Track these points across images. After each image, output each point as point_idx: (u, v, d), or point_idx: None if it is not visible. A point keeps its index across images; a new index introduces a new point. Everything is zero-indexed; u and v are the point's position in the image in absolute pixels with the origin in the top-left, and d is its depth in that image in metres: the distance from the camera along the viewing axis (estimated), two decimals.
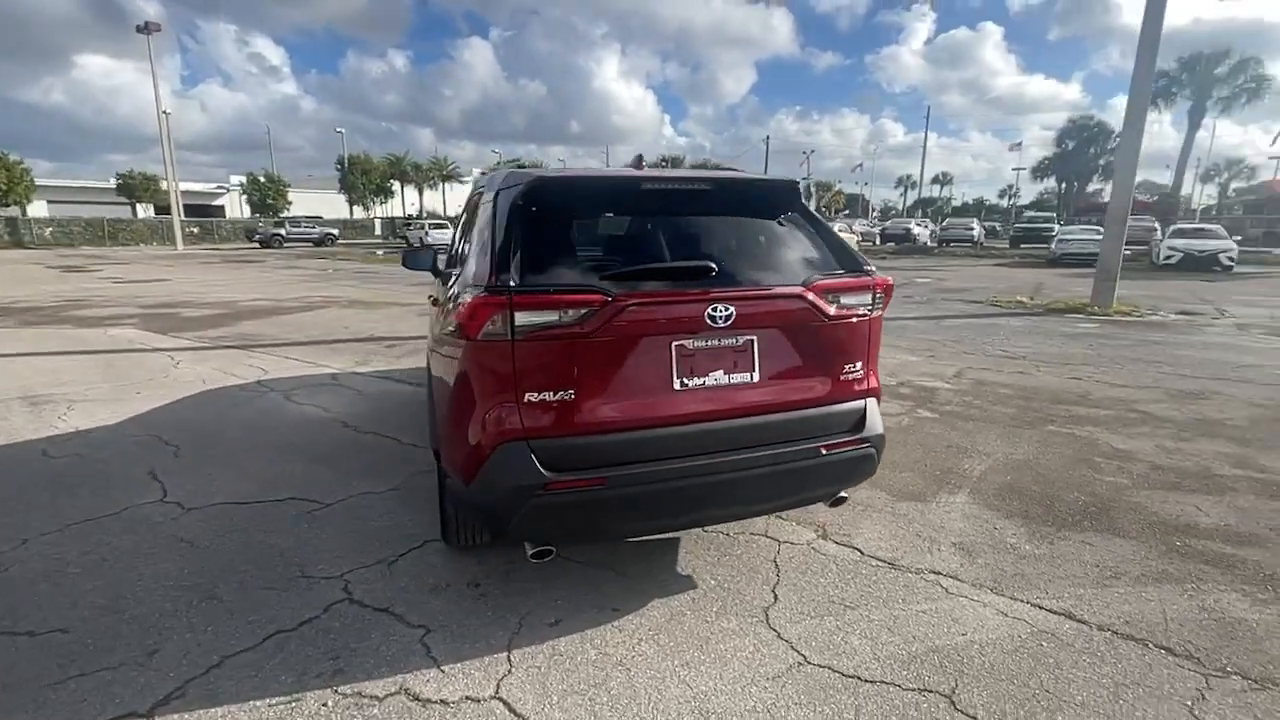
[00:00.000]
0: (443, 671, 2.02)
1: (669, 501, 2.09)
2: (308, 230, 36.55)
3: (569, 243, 2.20)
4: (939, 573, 2.63)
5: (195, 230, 39.59)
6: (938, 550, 2.81)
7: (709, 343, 2.10)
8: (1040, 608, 2.38)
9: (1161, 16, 9.93)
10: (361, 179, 46.92)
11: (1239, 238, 22.14)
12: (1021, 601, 2.42)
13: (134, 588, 2.48)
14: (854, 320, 2.31)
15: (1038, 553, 2.79)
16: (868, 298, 2.33)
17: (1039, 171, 54.76)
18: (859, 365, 2.37)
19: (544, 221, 2.16)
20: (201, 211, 46.64)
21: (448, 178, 53.43)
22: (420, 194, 53.48)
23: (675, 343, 2.06)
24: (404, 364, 6.58)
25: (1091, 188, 52.26)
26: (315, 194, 52.93)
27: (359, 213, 49.79)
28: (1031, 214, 39.24)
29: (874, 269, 2.40)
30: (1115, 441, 4.24)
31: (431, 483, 3.47)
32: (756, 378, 2.17)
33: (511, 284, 1.93)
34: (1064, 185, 53.19)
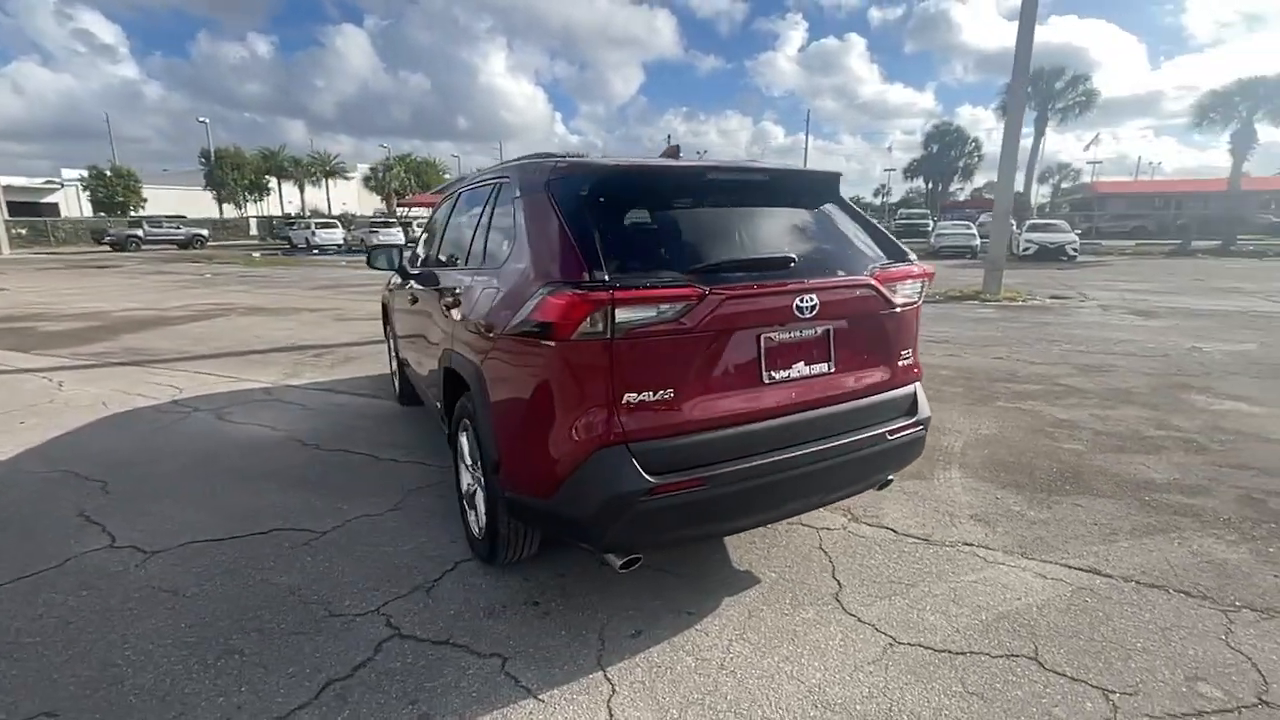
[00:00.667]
0: (542, 701, 1.86)
1: (762, 497, 2.06)
2: (171, 231, 32.62)
3: (643, 236, 2.09)
4: (970, 544, 2.79)
5: (23, 231, 34.05)
6: (960, 523, 2.98)
7: (792, 334, 2.08)
8: (1069, 567, 2.59)
9: (1029, 52, 11.23)
10: (232, 174, 42.38)
11: (1079, 231, 25.55)
12: (1052, 563, 2.62)
13: (123, 652, 2.07)
14: (909, 308, 2.39)
15: (1043, 517, 3.03)
16: (918, 286, 2.41)
17: (910, 172, 59.96)
18: (910, 351, 2.46)
19: (615, 214, 2.04)
20: (28, 210, 40.12)
21: (331, 174, 49.55)
22: (301, 191, 49.20)
23: (763, 335, 2.02)
24: (340, 374, 6.04)
25: (953, 187, 58.17)
26: (175, 190, 47.23)
27: (230, 211, 44.98)
28: (908, 211, 42.91)
29: (915, 258, 2.50)
30: (1056, 413, 4.72)
31: (433, 500, 3.21)
32: (832, 368, 2.19)
33: (606, 279, 1.81)
34: (930, 184, 58.59)
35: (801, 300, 2.03)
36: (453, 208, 3.46)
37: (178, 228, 33.34)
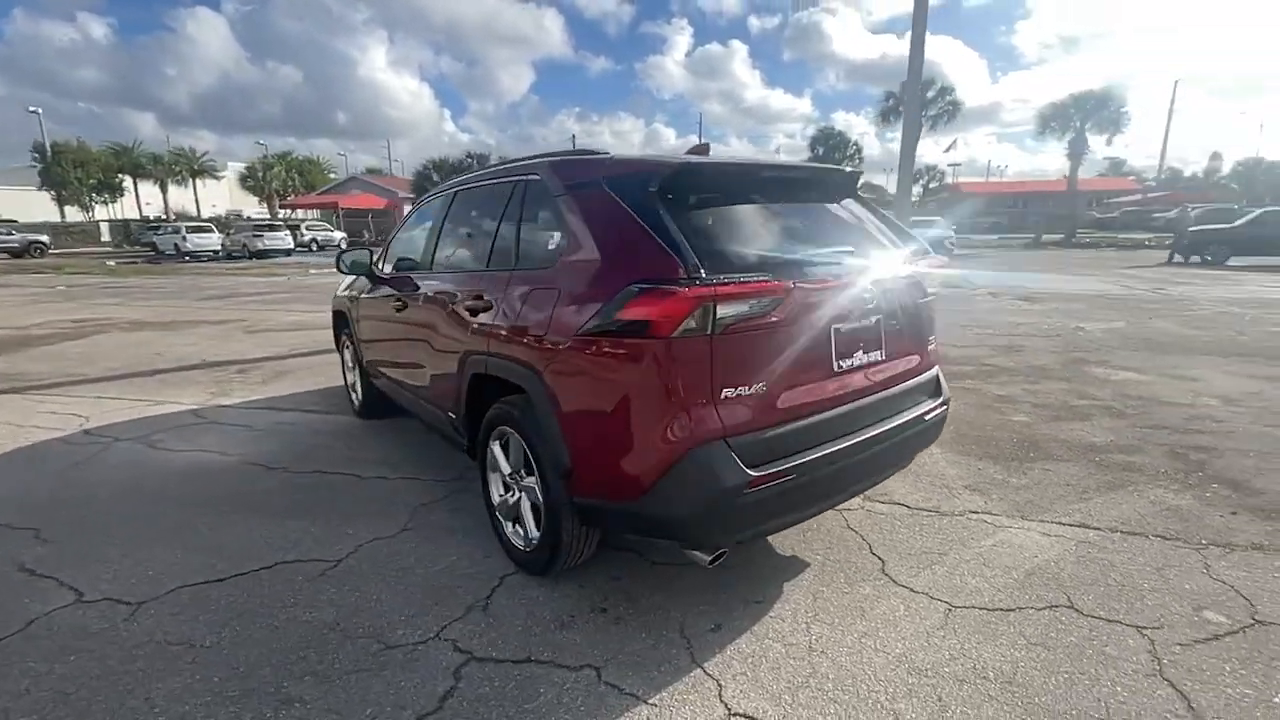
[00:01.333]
0: (655, 705, 1.83)
1: (835, 482, 2.14)
2: (2, 237, 28.10)
3: (714, 231, 2.10)
4: (975, 512, 3.04)
5: None
6: (959, 495, 3.23)
7: (855, 324, 2.18)
8: (1063, 524, 2.89)
9: (920, 74, 12.26)
10: (75, 172, 37.02)
11: (954, 227, 28.36)
12: (1049, 523, 2.91)
13: (155, 717, 1.80)
14: (932, 296, 2.57)
15: (1024, 483, 3.36)
16: (939, 276, 2.60)
17: None
18: (933, 336, 2.64)
19: (684, 210, 2.04)
20: None
21: (199, 173, 44.67)
22: (164, 191, 43.86)
23: (834, 326, 2.10)
24: (277, 390, 5.52)
25: None
26: (2, 190, 40.62)
27: (75, 214, 39.31)
28: None
29: (931, 250, 2.69)
30: (994, 390, 5.23)
31: (445, 515, 3.04)
32: (884, 355, 2.31)
33: (703, 275, 1.80)
34: None
35: (864, 291, 2.14)
36: (448, 209, 3.27)
37: (9, 233, 28.77)
